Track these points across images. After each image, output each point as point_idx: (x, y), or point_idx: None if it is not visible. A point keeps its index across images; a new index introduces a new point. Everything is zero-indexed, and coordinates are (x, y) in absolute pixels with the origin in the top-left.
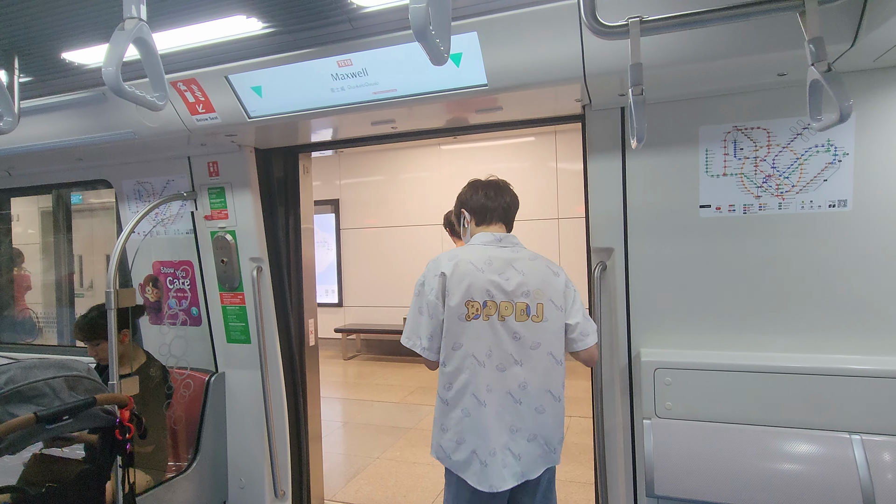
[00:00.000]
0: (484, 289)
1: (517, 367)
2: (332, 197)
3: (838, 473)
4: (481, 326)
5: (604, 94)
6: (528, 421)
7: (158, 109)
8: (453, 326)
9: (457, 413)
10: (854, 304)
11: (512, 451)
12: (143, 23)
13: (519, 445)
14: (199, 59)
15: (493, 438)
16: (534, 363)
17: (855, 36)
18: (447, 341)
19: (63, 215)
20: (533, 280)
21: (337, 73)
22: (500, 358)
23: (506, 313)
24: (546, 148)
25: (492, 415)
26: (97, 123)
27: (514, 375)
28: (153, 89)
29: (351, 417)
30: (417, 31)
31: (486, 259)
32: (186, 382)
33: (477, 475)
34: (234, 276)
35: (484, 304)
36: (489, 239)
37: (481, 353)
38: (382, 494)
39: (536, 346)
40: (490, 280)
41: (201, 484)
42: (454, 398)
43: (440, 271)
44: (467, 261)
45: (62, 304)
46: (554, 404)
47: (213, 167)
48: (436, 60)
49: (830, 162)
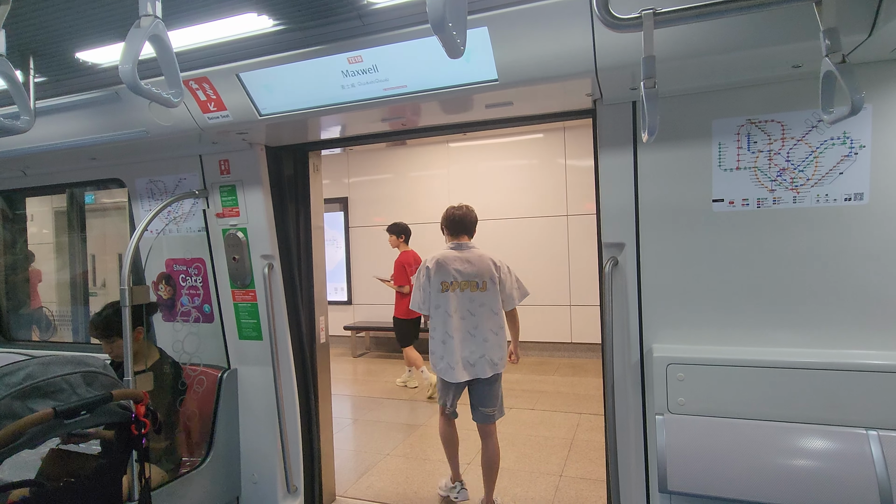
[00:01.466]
0: (451, 274)
1: (471, 317)
2: (340, 195)
3: (854, 469)
4: (451, 295)
5: (615, 89)
6: (478, 347)
7: (174, 106)
8: (435, 296)
9: (439, 343)
10: (871, 299)
11: (469, 362)
12: (158, 20)
13: (473, 359)
14: (211, 58)
15: (457, 356)
16: (480, 315)
17: (872, 26)
18: (432, 304)
19: (76, 215)
20: (479, 268)
21: (347, 69)
22: (461, 312)
23: (464, 287)
24: (555, 144)
25: (457, 344)
26: (111, 122)
27: (469, 322)
28: (168, 86)
29: (361, 414)
30: (435, 24)
31: (452, 258)
32: (199, 379)
33: (448, 374)
34: (246, 273)
35: (451, 282)
36: (453, 246)
37: (451, 310)
38: (394, 490)
39: (482, 304)
40: (455, 269)
41: (215, 479)
42: (437, 336)
43: (426, 266)
44: (443, 260)
45: (77, 303)
46: (494, 337)
47: (224, 165)
48: (452, 53)
49: (846, 155)
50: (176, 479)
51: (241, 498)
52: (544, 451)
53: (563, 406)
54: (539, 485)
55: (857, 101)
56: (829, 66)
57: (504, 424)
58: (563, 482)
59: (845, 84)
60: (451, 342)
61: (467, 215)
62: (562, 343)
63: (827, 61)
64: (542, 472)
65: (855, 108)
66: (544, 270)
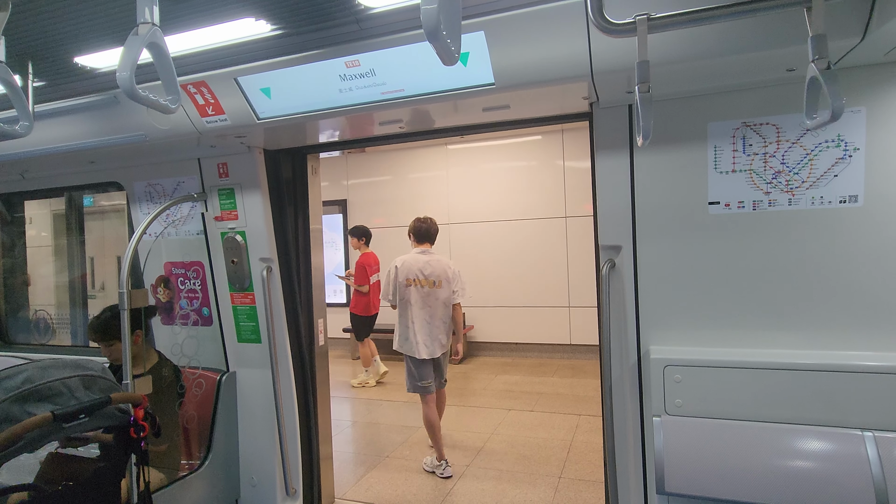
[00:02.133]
0: (415, 274)
1: (428, 308)
2: (339, 197)
3: (850, 470)
4: (414, 290)
5: (611, 92)
6: (433, 332)
7: (171, 112)
8: (401, 290)
9: (404, 329)
10: (865, 300)
11: (425, 344)
12: (156, 27)
13: (428, 341)
14: (209, 62)
15: (418, 338)
16: (435, 307)
17: (865, 30)
18: (400, 297)
19: (75, 218)
20: (436, 270)
21: (345, 73)
22: (421, 304)
23: (424, 284)
24: (553, 146)
25: (418, 329)
26: (109, 126)
27: (427, 312)
28: (166, 92)
29: (360, 417)
30: (429, 32)
31: (416, 260)
32: (198, 382)
33: (412, 352)
34: (245, 276)
35: (414, 279)
36: (418, 251)
37: (413, 302)
38: (392, 492)
39: (437, 299)
40: (418, 269)
41: (214, 482)
42: (402, 323)
43: (395, 266)
44: (409, 261)
45: (75, 306)
46: (443, 325)
47: (222, 168)
48: (447, 61)
49: (841, 157)
50: (174, 482)
51: (241, 501)
52: (543, 453)
53: (562, 408)
54: (538, 486)
55: (838, 107)
56: (815, 72)
57: (503, 426)
58: (563, 484)
59: (827, 90)
60: (413, 328)
61: (431, 227)
62: (561, 345)
63: (812, 67)
64: (541, 473)
65: (835, 114)
66: (543, 272)
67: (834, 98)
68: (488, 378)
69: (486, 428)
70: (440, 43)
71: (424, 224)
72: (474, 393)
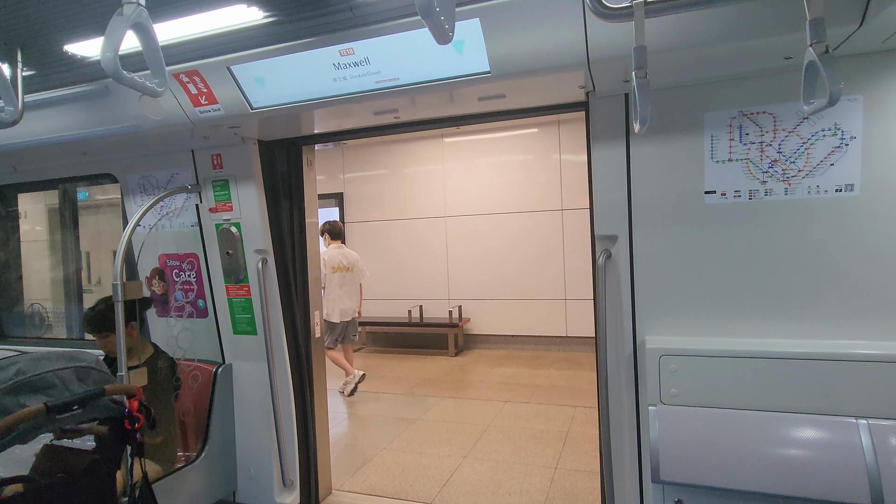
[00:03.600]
0: (337, 262)
1: (345, 286)
2: (336, 191)
3: (845, 458)
4: (337, 274)
5: (607, 81)
6: (347, 302)
7: (158, 95)
8: (329, 274)
9: (330, 301)
10: (861, 290)
11: (344, 311)
12: (141, 7)
13: (346, 309)
14: (201, 51)
15: (337, 307)
16: (350, 285)
17: (863, 16)
18: (327, 279)
19: (69, 212)
20: (350, 259)
21: (339, 62)
22: (341, 283)
23: (342, 270)
24: (549, 139)
25: (338, 301)
26: (100, 117)
27: (344, 290)
28: (153, 76)
29: (357, 409)
30: (423, 9)
31: (336, 253)
32: (194, 374)
33: (335, 317)
34: (240, 268)
35: (337, 266)
36: (335, 247)
37: (336, 282)
38: (390, 484)
39: (351, 279)
40: (339, 259)
41: (210, 474)
42: (329, 297)
43: (324, 258)
44: (331, 254)
45: (70, 300)
46: (354, 297)
47: (216, 160)
48: (440, 39)
49: (837, 146)
50: (171, 473)
51: (238, 492)
52: (539, 444)
53: (558, 399)
54: (534, 477)
55: (836, 92)
56: (812, 57)
57: (500, 418)
58: (559, 474)
59: (825, 74)
60: (336, 302)
61: (341, 228)
62: (557, 337)
63: (810, 51)
64: (537, 464)
65: (833, 99)
66: (539, 265)
67: (832, 83)
68: (485, 371)
69: (483, 420)
70: (434, 20)
71: (336, 226)
72: (471, 385)
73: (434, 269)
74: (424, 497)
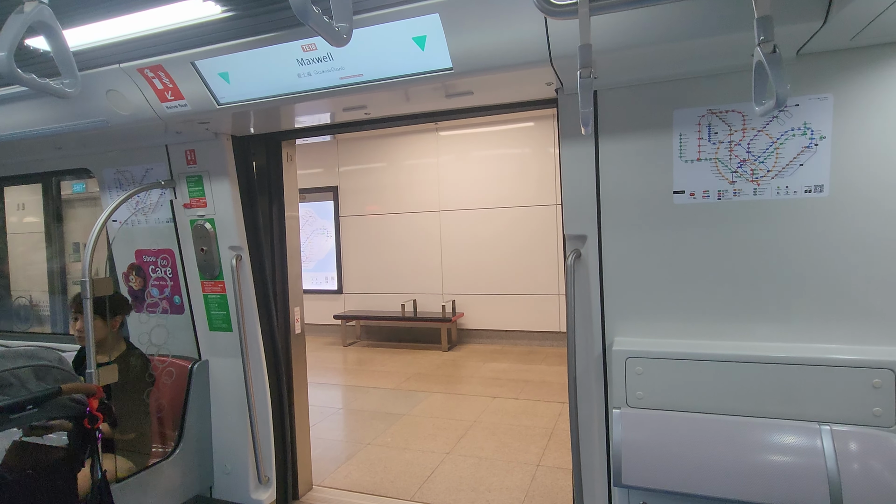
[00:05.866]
0: None
1: None
2: (331, 184)
3: (806, 463)
4: None
5: (574, 77)
6: None
7: (67, 97)
8: None
9: None
10: (829, 292)
11: None
12: (44, 5)
13: None
14: (166, 45)
15: None
16: None
17: (826, 13)
18: None
19: (55, 204)
20: None
21: (302, 58)
22: None
23: None
24: (545, 133)
25: None
26: (70, 111)
27: None
28: (63, 75)
29: (346, 403)
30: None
31: None
32: (168, 370)
33: None
34: (215, 264)
35: None
36: None
37: None
38: (370, 480)
39: None
40: None
41: (186, 469)
42: None
43: None
44: None
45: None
46: None
47: (190, 155)
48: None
49: (807, 146)
50: (145, 469)
51: (215, 488)
52: (524, 441)
53: (547, 395)
54: (516, 474)
55: (782, 93)
56: (760, 56)
57: (487, 414)
58: (540, 471)
59: (772, 75)
60: None
61: None
62: (550, 332)
63: (758, 51)
64: (519, 461)
65: (780, 100)
66: (534, 260)
67: (778, 84)
68: (476, 366)
69: (470, 415)
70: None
71: None
72: (461, 380)
73: (428, 264)
74: (404, 493)
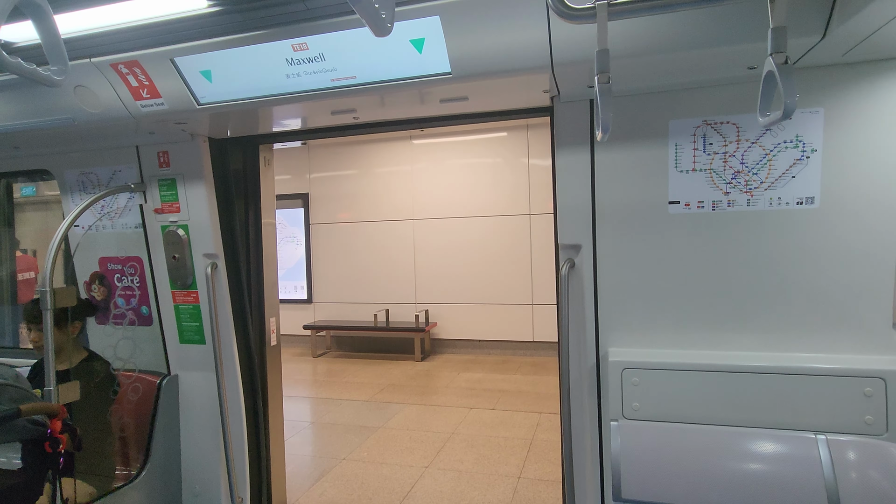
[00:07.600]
0: None
1: None
2: (301, 191)
3: (804, 473)
4: None
5: (572, 85)
6: None
7: (56, 85)
8: None
9: None
10: (822, 303)
11: None
12: None
13: None
14: (143, 40)
15: None
16: None
17: (825, 28)
18: None
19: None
20: None
21: (292, 57)
22: None
23: None
24: (518, 143)
25: None
26: (32, 108)
27: None
28: (50, 62)
29: (318, 417)
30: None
31: None
32: (134, 386)
33: None
34: (187, 272)
35: None
36: None
37: None
38: (347, 497)
39: None
40: None
41: (152, 492)
42: None
43: None
44: None
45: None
46: None
47: (163, 157)
48: (378, 31)
49: (799, 158)
50: (107, 494)
51: None
52: (503, 453)
53: (523, 405)
54: (497, 487)
55: (790, 104)
56: (772, 66)
57: (464, 425)
58: (522, 484)
59: (782, 85)
60: None
61: None
62: (524, 342)
63: (770, 61)
64: (500, 473)
65: (787, 111)
66: (507, 269)
67: (788, 94)
68: (451, 376)
69: (447, 427)
70: (363, 7)
71: None
72: (436, 391)
73: (401, 273)
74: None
